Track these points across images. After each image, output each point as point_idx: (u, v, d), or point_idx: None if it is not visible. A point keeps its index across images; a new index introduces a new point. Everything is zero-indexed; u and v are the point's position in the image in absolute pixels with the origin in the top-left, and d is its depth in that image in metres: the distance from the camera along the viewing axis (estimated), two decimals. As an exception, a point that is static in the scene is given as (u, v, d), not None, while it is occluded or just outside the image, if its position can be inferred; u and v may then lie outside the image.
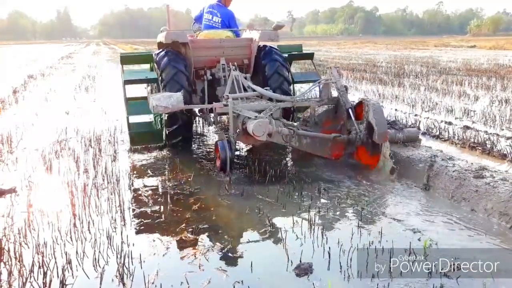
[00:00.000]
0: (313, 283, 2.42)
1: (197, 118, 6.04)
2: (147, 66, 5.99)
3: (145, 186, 4.02)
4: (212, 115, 4.89)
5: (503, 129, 5.90)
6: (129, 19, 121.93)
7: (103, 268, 2.58)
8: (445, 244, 2.80)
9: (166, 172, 4.38)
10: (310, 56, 6.24)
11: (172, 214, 3.37)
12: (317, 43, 50.22)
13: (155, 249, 2.82)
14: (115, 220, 3.22)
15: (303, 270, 2.54)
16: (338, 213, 3.38)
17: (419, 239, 2.88)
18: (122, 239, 2.87)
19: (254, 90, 4.84)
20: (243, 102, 4.62)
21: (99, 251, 2.72)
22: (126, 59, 5.77)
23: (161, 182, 4.13)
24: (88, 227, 3.09)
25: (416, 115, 6.94)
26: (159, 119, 5.29)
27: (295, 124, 4.69)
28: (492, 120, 6.36)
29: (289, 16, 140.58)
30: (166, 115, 4.77)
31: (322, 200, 3.62)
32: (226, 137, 4.40)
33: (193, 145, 5.44)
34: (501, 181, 3.44)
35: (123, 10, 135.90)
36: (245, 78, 5.05)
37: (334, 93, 4.76)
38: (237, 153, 4.94)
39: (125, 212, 3.35)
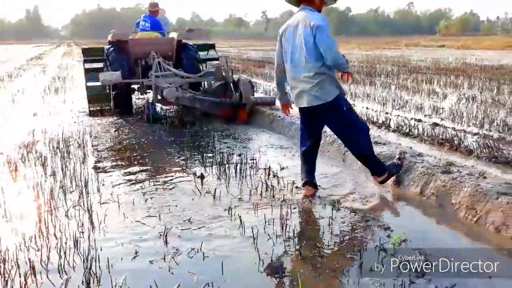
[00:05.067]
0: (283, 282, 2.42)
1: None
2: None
3: (114, 188, 3.92)
4: (143, 89, 7.43)
5: (469, 126, 6.06)
6: (102, 19, 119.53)
7: (69, 274, 2.50)
8: (415, 240, 2.83)
9: (136, 175, 4.30)
10: (213, 46, 8.71)
11: (141, 217, 3.30)
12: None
13: (124, 253, 2.75)
14: (82, 224, 3.14)
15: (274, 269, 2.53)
16: (312, 210, 3.39)
17: (388, 236, 2.91)
18: (89, 243, 2.79)
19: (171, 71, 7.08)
20: (162, 78, 6.81)
21: (65, 257, 2.63)
22: (85, 50, 8.89)
23: (130, 184, 4.04)
24: (54, 232, 3.00)
25: (387, 113, 7.05)
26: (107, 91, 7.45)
27: (197, 92, 7.04)
28: (459, 117, 6.52)
29: (264, 17, 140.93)
30: (113, 91, 7.10)
31: (297, 196, 3.62)
32: (151, 101, 6.79)
33: (171, 149, 5.36)
34: (467, 176, 3.52)
35: (95, 10, 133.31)
36: (168, 64, 7.20)
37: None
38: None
39: (93, 216, 3.26)
